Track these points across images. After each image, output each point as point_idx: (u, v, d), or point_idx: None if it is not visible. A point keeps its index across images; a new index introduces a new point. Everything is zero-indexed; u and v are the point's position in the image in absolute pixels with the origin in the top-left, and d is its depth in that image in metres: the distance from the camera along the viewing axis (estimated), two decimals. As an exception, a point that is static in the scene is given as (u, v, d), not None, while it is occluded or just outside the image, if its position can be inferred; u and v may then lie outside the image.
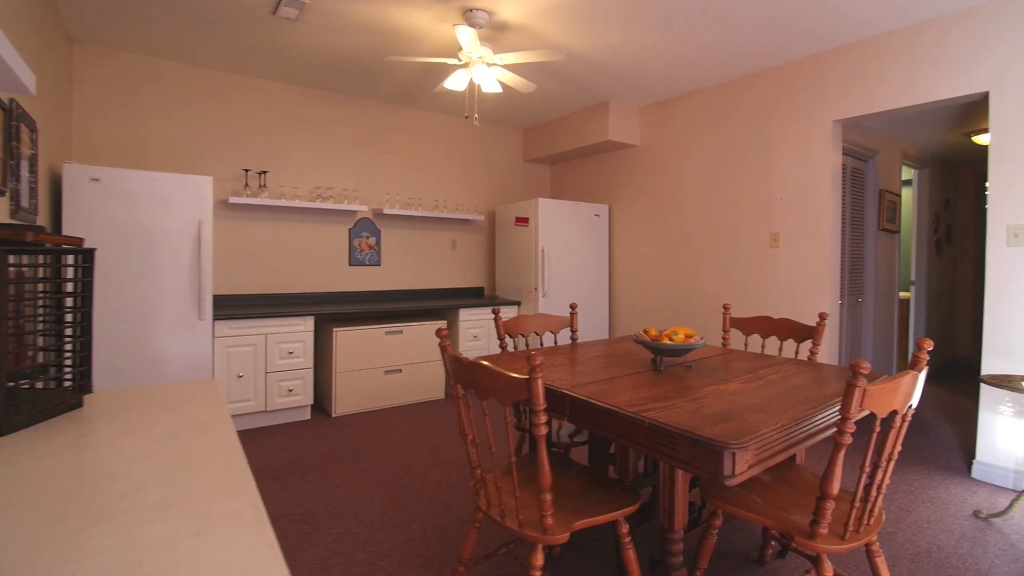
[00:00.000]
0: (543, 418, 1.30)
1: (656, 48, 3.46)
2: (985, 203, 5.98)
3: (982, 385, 2.73)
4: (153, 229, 3.08)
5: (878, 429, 1.33)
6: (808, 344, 3.56)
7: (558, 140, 5.20)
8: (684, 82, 4.14)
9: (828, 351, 3.50)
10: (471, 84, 3.95)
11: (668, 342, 1.98)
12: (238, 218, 4.04)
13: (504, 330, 2.46)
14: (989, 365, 2.79)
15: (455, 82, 3.09)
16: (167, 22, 3.17)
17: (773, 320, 2.58)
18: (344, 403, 3.92)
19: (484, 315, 4.60)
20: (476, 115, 4.38)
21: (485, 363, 1.42)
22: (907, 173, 6.04)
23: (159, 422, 1.15)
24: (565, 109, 4.92)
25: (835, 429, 1.30)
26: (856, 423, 1.29)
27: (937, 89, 2.97)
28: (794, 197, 3.65)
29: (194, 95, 3.86)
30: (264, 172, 4.05)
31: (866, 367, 1.22)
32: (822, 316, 2.35)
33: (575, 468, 1.84)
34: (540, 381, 1.28)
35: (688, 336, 2.02)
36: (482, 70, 2.97)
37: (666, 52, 3.53)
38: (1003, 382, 2.35)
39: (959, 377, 5.34)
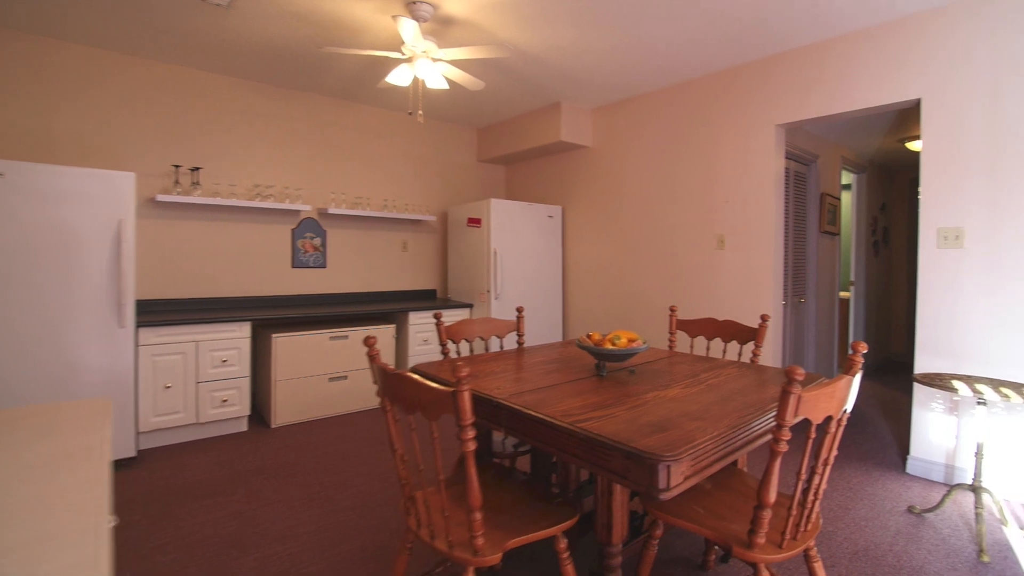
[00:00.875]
0: (470, 433, 1.22)
1: (604, 49, 3.44)
2: (918, 207, 6.29)
3: (915, 384, 2.82)
4: (65, 230, 2.82)
5: (814, 435, 1.31)
6: (752, 346, 3.61)
7: (512, 140, 5.13)
8: (634, 85, 4.14)
9: (772, 351, 3.56)
10: (415, 80, 3.82)
11: (611, 347, 1.92)
12: (169, 217, 3.77)
13: (446, 335, 2.36)
14: (922, 363, 2.89)
15: (398, 77, 2.96)
16: (80, 2, 2.91)
17: (717, 322, 2.58)
18: (284, 413, 3.72)
19: (432, 318, 4.47)
20: (420, 112, 4.25)
21: (411, 374, 1.32)
22: (847, 178, 6.28)
23: (25, 451, 1.00)
24: (518, 109, 4.86)
25: (771, 436, 1.27)
26: (793, 428, 1.26)
27: (873, 95, 3.06)
28: (739, 199, 3.70)
29: (115, 85, 3.58)
30: (197, 168, 3.80)
31: (801, 373, 1.19)
32: (764, 318, 2.36)
33: (516, 479, 1.76)
34: (467, 394, 1.19)
35: (631, 340, 1.97)
36: (426, 65, 2.86)
37: (614, 54, 3.51)
38: (934, 381, 2.41)
39: (895, 374, 5.59)
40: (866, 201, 5.47)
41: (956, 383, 2.38)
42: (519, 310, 2.65)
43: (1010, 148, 2.59)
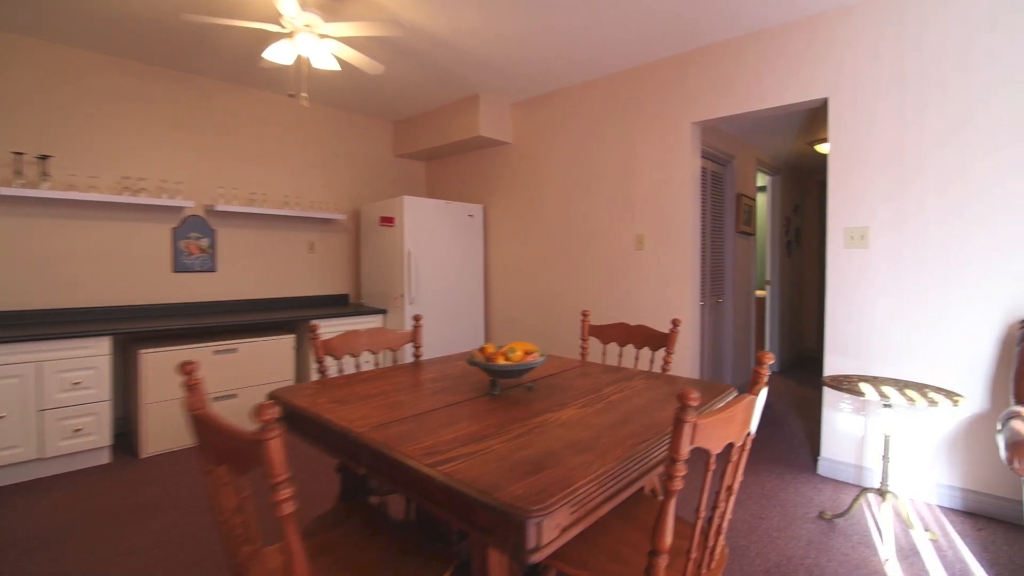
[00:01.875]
0: (285, 492, 0.93)
1: (515, 37, 3.22)
2: (827, 208, 6.57)
3: (824, 387, 2.80)
4: None
5: (713, 466, 1.12)
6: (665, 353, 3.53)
7: (430, 135, 4.83)
8: (552, 79, 3.97)
9: (691, 354, 3.49)
10: (300, 59, 3.44)
11: (503, 361, 1.69)
12: (8, 215, 3.18)
13: (324, 351, 2.04)
14: (831, 364, 2.87)
15: (278, 54, 2.60)
16: None
17: (629, 327, 2.42)
18: (156, 440, 3.23)
19: (343, 326, 4.10)
20: (305, 95, 3.85)
21: (209, 417, 1.02)
22: (762, 180, 6.45)
23: None
24: (436, 101, 4.57)
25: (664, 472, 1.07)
26: (693, 455, 1.07)
27: (784, 94, 3.02)
28: (658, 199, 3.61)
29: (-66, 53, 2.96)
30: (46, 157, 3.23)
31: (694, 398, 0.99)
32: (675, 323, 2.22)
33: (389, 526, 1.49)
34: (276, 443, 0.90)
35: (528, 353, 1.75)
36: (310, 41, 2.52)
37: (527, 44, 3.30)
38: (842, 383, 2.36)
39: (808, 370, 5.78)
40: (780, 202, 5.61)
41: (863, 385, 2.34)
42: (416, 319, 2.37)
43: (912, 149, 2.61)
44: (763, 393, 1.25)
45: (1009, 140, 2.36)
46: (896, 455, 2.68)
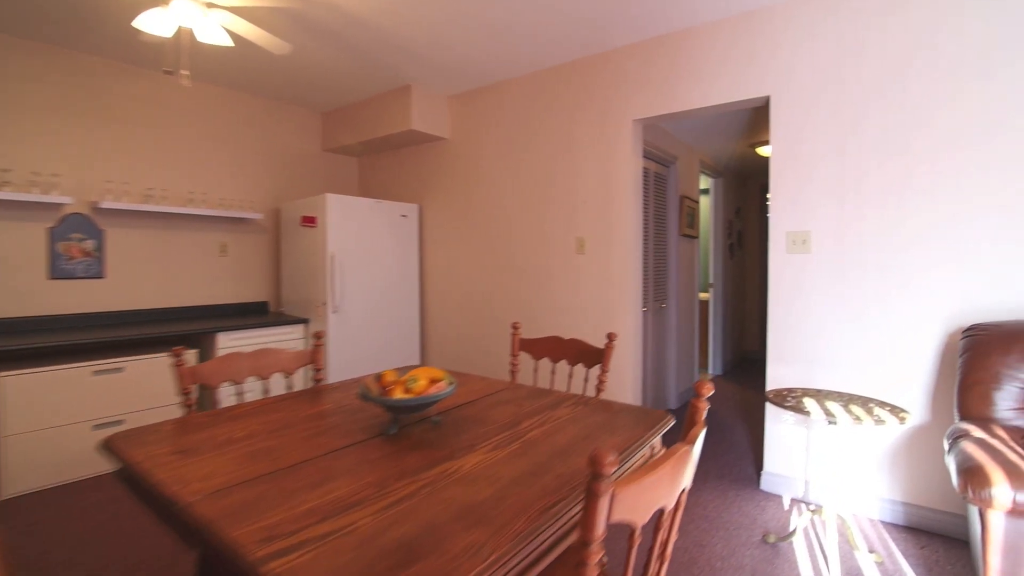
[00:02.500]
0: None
1: (447, 22, 2.93)
2: (767, 212, 6.64)
3: (767, 403, 2.67)
4: None
5: (638, 541, 0.88)
6: (600, 370, 3.33)
7: (360, 128, 4.47)
8: (489, 70, 3.70)
9: (632, 363, 3.31)
10: (182, 31, 3.02)
11: (402, 395, 1.41)
12: None
13: (190, 379, 1.68)
14: (774, 373, 2.75)
15: (152, 23, 2.20)
16: None
17: (562, 341, 2.19)
18: (23, 478, 2.74)
19: (256, 339, 3.68)
20: (186, 72, 3.42)
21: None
22: (705, 183, 6.43)
23: None
24: (366, 91, 4.21)
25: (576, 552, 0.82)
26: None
27: (726, 92, 2.88)
28: (599, 200, 3.41)
29: None
30: None
31: (611, 463, 0.74)
32: (610, 337, 2.00)
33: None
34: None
35: (434, 381, 1.47)
36: (190, 9, 2.14)
37: (460, 31, 3.02)
38: (785, 400, 2.21)
39: (750, 372, 5.78)
40: (723, 205, 5.58)
41: (807, 401, 2.20)
42: (317, 336, 2.04)
43: (852, 149, 2.51)
44: (700, 438, 1.02)
45: (950, 149, 2.28)
46: (839, 469, 2.58)
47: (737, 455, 3.29)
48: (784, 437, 2.75)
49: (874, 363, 2.47)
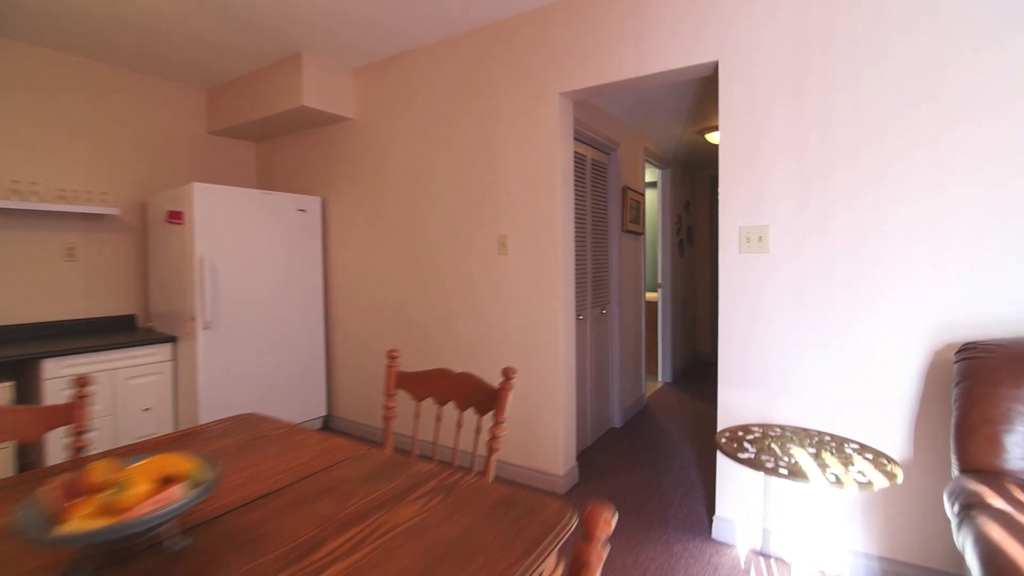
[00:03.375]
0: None
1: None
2: (718, 205, 6.29)
3: (719, 451, 2.18)
4: None
5: None
6: (494, 417, 2.80)
7: (249, 105, 3.75)
8: (399, 35, 3.08)
9: (564, 384, 2.78)
10: None
11: (90, 522, 0.79)
12: None
13: None
14: (726, 401, 2.26)
15: None
16: None
17: (452, 377, 1.61)
18: None
19: (109, 363, 2.94)
20: None
21: None
22: (651, 175, 6.00)
23: None
24: (251, 61, 3.51)
25: None
26: None
27: (667, 58, 2.37)
28: (523, 190, 2.85)
29: None
30: None
31: None
32: (507, 375, 1.44)
33: None
34: None
35: (167, 481, 0.86)
36: None
37: (338, -30, 2.39)
38: (739, 447, 1.71)
39: (702, 377, 5.39)
40: (671, 198, 5.15)
41: (771, 450, 1.71)
42: (81, 384, 1.38)
43: (819, 130, 2.04)
44: None
45: (936, 132, 1.84)
46: (805, 516, 2.12)
47: (685, 490, 2.81)
48: (739, 478, 2.27)
49: (846, 388, 2.01)
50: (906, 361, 1.90)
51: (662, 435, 3.68)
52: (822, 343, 2.04)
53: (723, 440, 1.75)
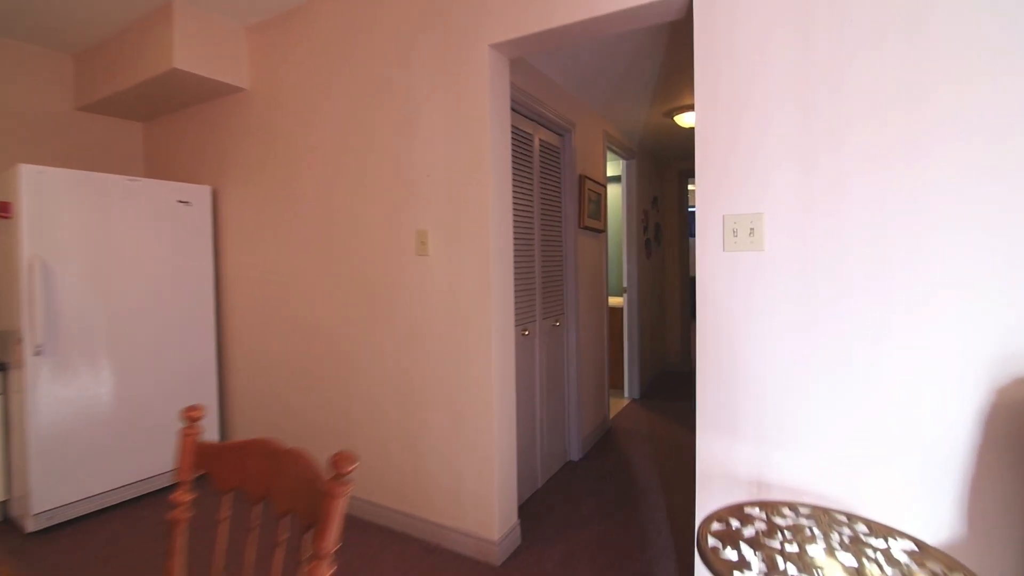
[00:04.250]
0: None
1: None
2: (689, 202, 5.81)
3: (697, 557, 1.59)
4: None
5: None
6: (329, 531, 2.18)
7: (119, 74, 3.01)
8: (282, -26, 2.42)
9: (499, 421, 2.16)
10: None
11: None
12: None
13: None
14: (706, 452, 1.68)
15: None
16: None
17: (273, 457, 0.97)
18: None
19: None
20: None
21: None
22: (615, 168, 5.47)
23: None
24: (120, 15, 2.79)
25: None
26: None
27: (622, -6, 1.78)
28: (445, 172, 2.23)
29: None
30: None
31: None
32: (339, 469, 0.81)
33: None
34: None
35: None
36: None
37: None
38: (732, 565, 1.11)
39: (673, 391, 4.86)
40: (637, 192, 4.61)
41: (784, 556, 1.12)
42: None
43: (830, 78, 1.47)
44: None
45: (996, 75, 1.30)
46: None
47: (655, 554, 2.23)
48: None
49: (869, 436, 1.45)
50: (956, 401, 1.35)
51: (629, 470, 3.10)
52: (837, 374, 1.48)
53: (709, 540, 1.15)
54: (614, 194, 5.64)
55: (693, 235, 10.25)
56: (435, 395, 2.29)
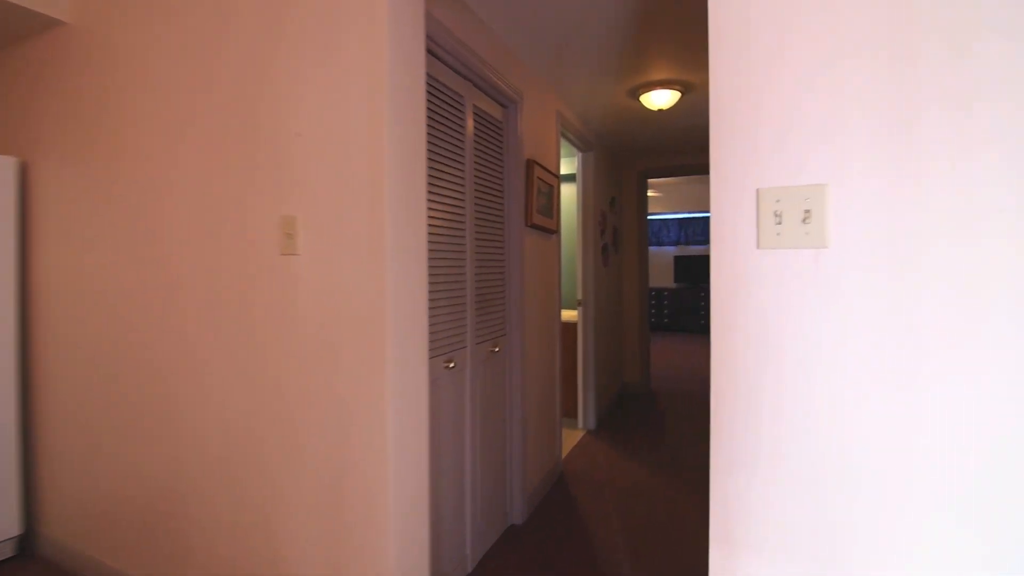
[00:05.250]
0: None
1: None
2: (647, 204, 5.27)
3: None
4: None
5: None
6: None
7: None
8: None
9: (403, 501, 1.42)
10: None
11: None
12: None
13: None
14: (721, 572, 1.01)
15: None
16: None
17: None
18: None
19: None
20: None
21: None
22: (569, 165, 4.87)
23: None
24: None
25: None
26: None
27: None
28: (326, 132, 1.49)
29: None
30: None
31: None
32: None
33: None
34: None
35: None
36: None
37: None
38: None
39: (633, 416, 4.25)
40: (594, 189, 4.00)
41: None
42: None
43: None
44: None
45: None
46: None
47: None
48: None
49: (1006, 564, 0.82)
50: None
51: (586, 535, 2.43)
52: (966, 471, 0.84)
53: None
54: (567, 194, 5.04)
55: (655, 244, 9.87)
56: (297, 461, 1.53)
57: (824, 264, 0.92)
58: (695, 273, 9.52)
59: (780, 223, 0.95)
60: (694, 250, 9.77)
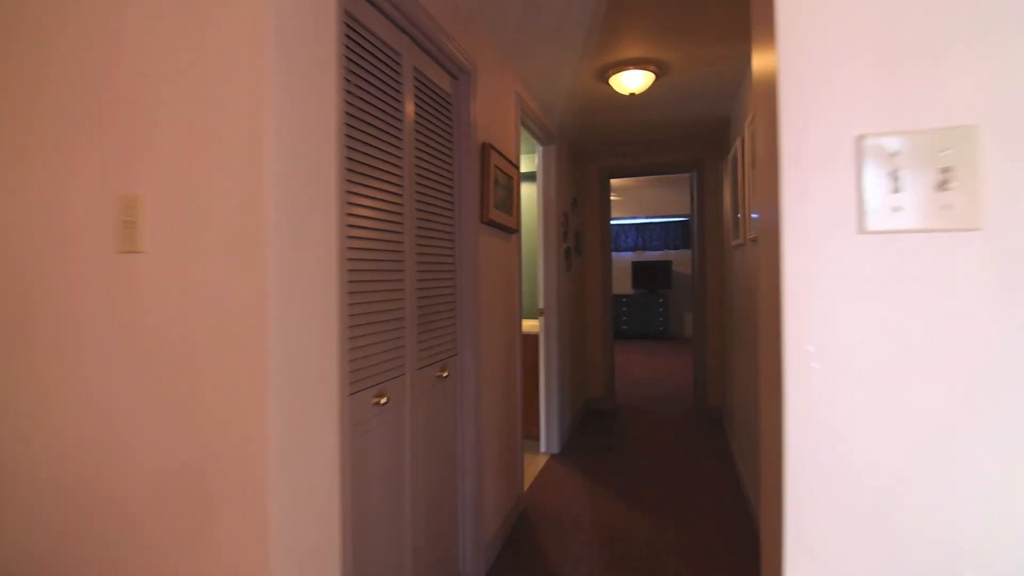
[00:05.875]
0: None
1: None
2: (610, 207, 4.96)
3: None
4: None
5: None
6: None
7: None
8: None
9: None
10: None
11: None
12: None
13: None
14: None
15: None
16: None
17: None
18: None
19: None
20: None
21: None
22: (529, 161, 4.50)
23: None
24: None
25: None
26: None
27: None
28: (186, 73, 1.02)
29: None
30: None
31: None
32: None
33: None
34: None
35: None
36: None
37: None
38: None
39: (599, 437, 3.88)
40: (556, 186, 3.63)
41: None
42: None
43: None
44: None
45: None
46: None
47: None
48: None
49: None
50: None
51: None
52: None
53: None
54: (526, 194, 4.66)
55: (617, 249, 9.58)
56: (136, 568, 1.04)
57: (974, 255, 0.55)
58: (653, 279, 9.36)
59: (898, 191, 0.57)
60: (652, 255, 9.62)
